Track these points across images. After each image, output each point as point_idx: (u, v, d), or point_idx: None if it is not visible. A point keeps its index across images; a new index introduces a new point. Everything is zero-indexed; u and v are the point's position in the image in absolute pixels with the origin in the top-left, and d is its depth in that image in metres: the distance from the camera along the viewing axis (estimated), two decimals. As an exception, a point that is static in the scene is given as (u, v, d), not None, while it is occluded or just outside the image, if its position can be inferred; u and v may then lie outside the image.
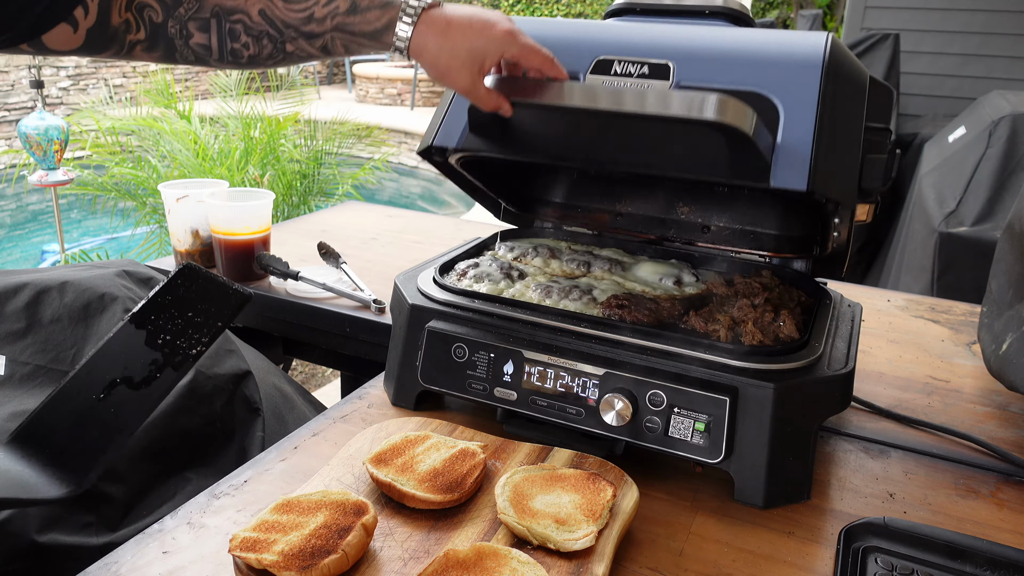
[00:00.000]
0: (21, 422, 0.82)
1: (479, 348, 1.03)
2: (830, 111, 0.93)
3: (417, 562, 0.78)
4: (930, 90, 5.04)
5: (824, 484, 0.99)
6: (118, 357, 0.82)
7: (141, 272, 1.36)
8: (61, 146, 3.32)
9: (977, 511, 0.95)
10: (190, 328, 0.84)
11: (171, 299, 0.85)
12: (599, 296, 1.13)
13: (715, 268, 1.28)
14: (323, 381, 3.69)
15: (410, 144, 8.80)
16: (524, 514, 0.81)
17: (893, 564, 0.82)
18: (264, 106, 4.47)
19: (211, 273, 0.88)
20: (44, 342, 1.24)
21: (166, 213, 1.67)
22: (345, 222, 2.09)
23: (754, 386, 0.91)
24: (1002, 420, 1.17)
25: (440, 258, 1.25)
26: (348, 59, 11.72)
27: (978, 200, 2.81)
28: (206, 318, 0.85)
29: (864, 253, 4.21)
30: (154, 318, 0.84)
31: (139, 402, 0.81)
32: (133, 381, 0.81)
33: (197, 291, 0.86)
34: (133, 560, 0.80)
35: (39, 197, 7.23)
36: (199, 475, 1.20)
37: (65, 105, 9.45)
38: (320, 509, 0.80)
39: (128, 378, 0.81)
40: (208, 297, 0.86)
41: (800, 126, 0.93)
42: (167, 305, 0.85)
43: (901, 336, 1.47)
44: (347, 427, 1.07)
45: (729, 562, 0.84)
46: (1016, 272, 1.15)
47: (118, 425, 0.79)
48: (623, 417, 0.94)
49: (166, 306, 0.85)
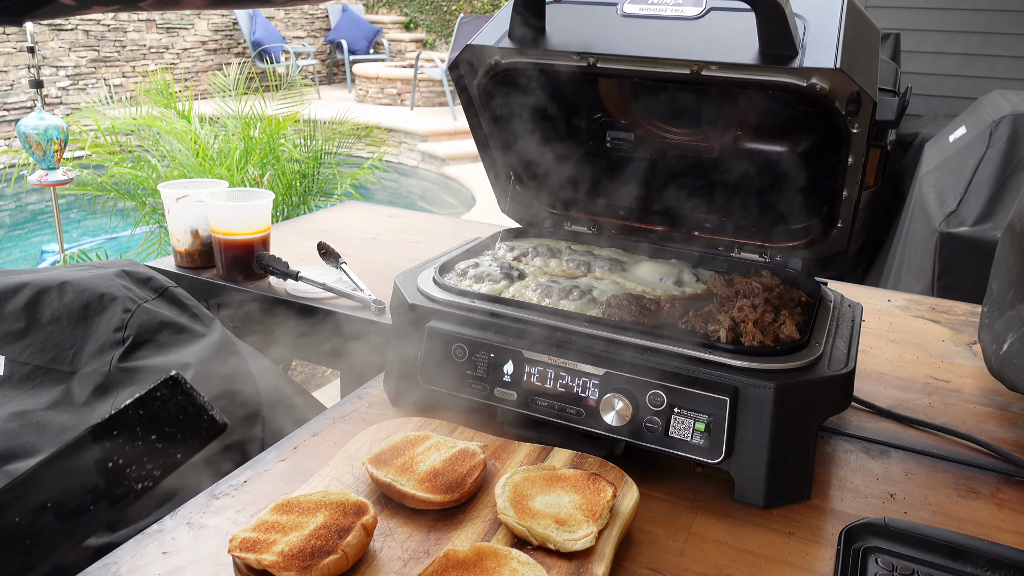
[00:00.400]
0: None
1: (479, 348, 1.03)
2: (852, 24, 0.96)
3: (417, 562, 0.78)
4: (931, 89, 5.03)
5: (824, 484, 0.98)
6: (58, 476, 0.72)
7: (140, 272, 1.36)
8: (60, 146, 3.32)
9: (978, 511, 0.94)
10: (146, 456, 0.76)
11: (143, 414, 0.76)
12: (599, 296, 1.13)
13: (715, 268, 1.28)
14: (323, 381, 3.69)
15: (410, 144, 8.80)
16: (524, 514, 0.81)
17: (894, 564, 0.82)
18: (264, 106, 4.47)
19: (195, 390, 0.79)
20: (43, 342, 1.24)
21: (166, 213, 1.67)
22: (345, 222, 2.09)
23: (754, 386, 0.91)
24: (1003, 420, 1.17)
25: (440, 258, 1.25)
26: (348, 59, 11.76)
27: (979, 200, 2.81)
28: (167, 445, 0.77)
29: (864, 253, 4.21)
30: (115, 433, 0.75)
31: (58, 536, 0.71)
32: (63, 510, 0.71)
33: (173, 408, 0.78)
34: (133, 560, 0.80)
35: (38, 197, 7.23)
36: (199, 475, 1.20)
37: (64, 105, 9.45)
38: (320, 509, 0.80)
39: (60, 504, 0.71)
40: (180, 419, 0.78)
41: (826, 26, 0.96)
42: (135, 421, 0.76)
43: (901, 336, 1.47)
44: (347, 427, 1.07)
45: (729, 562, 0.84)
46: (1017, 272, 1.14)
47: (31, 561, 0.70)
48: (623, 417, 0.94)
49: (134, 422, 0.76)
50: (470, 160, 8.30)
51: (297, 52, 11.76)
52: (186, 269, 1.66)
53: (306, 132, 4.55)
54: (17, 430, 1.12)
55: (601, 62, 1.08)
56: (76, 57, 9.60)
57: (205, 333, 1.30)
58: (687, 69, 1.03)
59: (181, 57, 10.91)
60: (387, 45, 12.61)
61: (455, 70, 1.18)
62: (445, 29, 13.04)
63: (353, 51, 12.11)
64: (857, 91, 0.96)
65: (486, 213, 6.31)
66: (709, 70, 1.02)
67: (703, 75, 1.04)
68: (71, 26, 9.47)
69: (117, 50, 10.05)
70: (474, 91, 1.22)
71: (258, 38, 11.11)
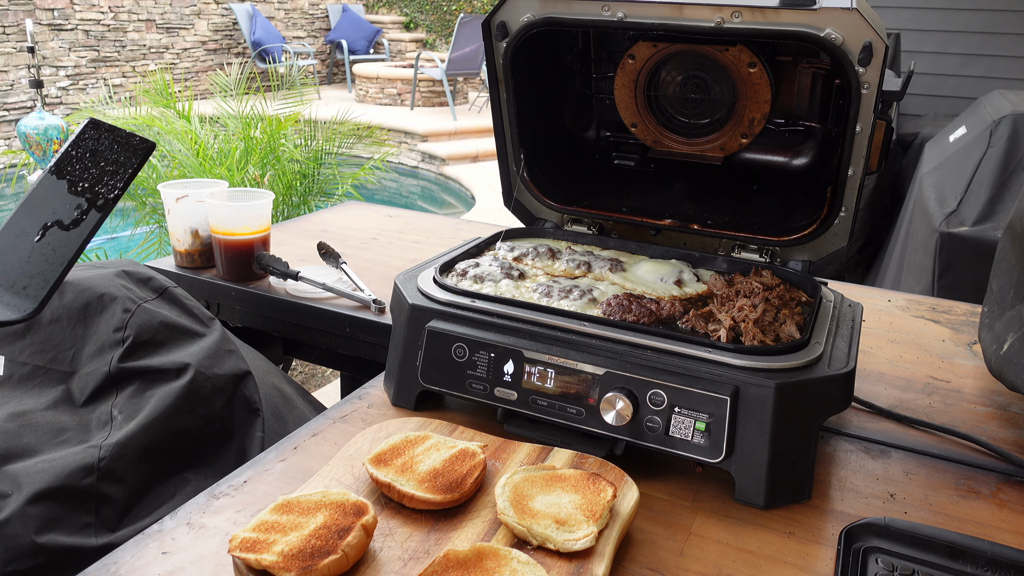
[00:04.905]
0: None
1: (479, 348, 1.03)
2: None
3: (417, 562, 0.78)
4: (931, 89, 5.04)
5: (825, 484, 0.98)
6: (46, 205, 0.92)
7: (140, 272, 1.35)
8: (60, 146, 3.31)
9: (978, 511, 0.94)
10: (104, 176, 0.94)
11: (82, 151, 0.94)
12: (599, 296, 1.13)
13: (715, 268, 1.28)
14: (323, 381, 3.69)
15: (410, 144, 8.80)
16: (524, 514, 0.81)
17: (894, 565, 0.82)
18: (264, 106, 4.47)
19: (113, 125, 0.97)
20: (43, 342, 1.23)
21: (166, 213, 1.67)
22: (345, 222, 2.09)
23: (755, 385, 0.91)
24: (1003, 420, 1.17)
25: (440, 258, 1.25)
26: (348, 59, 11.76)
27: (979, 200, 2.81)
28: (116, 167, 0.95)
29: (864, 253, 4.21)
30: (70, 169, 0.93)
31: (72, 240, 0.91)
32: (64, 223, 0.91)
33: (105, 142, 0.95)
34: (133, 561, 0.80)
35: (39, 197, 7.21)
36: (199, 475, 1.20)
37: (64, 105, 9.45)
38: (320, 509, 0.80)
39: (59, 221, 0.91)
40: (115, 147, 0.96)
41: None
42: (80, 157, 0.94)
43: (902, 336, 1.46)
44: (347, 427, 1.07)
45: (729, 562, 0.84)
46: (1017, 272, 1.14)
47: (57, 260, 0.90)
48: (623, 417, 0.94)
49: (79, 157, 0.94)
50: (470, 160, 8.31)
51: (297, 52, 11.77)
52: (186, 269, 1.66)
53: (306, 132, 4.55)
54: (17, 430, 1.12)
55: (630, 15, 1.12)
56: (76, 57, 9.60)
57: (205, 333, 1.30)
58: (711, 21, 1.07)
59: (181, 57, 10.91)
60: (387, 45, 12.61)
61: (488, 29, 1.24)
62: (445, 29, 13.05)
63: (353, 51, 12.11)
64: (870, 41, 1.00)
65: (486, 213, 6.31)
66: (732, 22, 1.06)
67: (726, 27, 1.07)
68: (71, 26, 9.47)
69: (117, 50, 10.05)
70: (501, 58, 1.26)
71: (258, 38, 11.11)
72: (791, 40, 1.07)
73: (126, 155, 0.96)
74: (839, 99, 1.22)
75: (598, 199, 1.40)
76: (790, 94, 1.32)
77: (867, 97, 1.05)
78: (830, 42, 1.02)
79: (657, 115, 1.42)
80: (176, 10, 10.68)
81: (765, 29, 1.06)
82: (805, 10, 1.01)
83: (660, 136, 1.42)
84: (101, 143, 0.95)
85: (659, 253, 1.31)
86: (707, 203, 1.37)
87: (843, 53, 1.02)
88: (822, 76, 1.27)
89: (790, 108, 1.34)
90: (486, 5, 12.47)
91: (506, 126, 1.34)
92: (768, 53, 1.27)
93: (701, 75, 1.35)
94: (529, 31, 1.21)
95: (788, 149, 1.37)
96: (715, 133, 1.38)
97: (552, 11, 1.18)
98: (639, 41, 1.33)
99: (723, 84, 1.33)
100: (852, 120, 1.08)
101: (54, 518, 1.04)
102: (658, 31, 1.16)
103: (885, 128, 1.10)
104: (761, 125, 1.33)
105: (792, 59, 1.28)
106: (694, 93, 1.36)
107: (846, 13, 1.00)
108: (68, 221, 0.91)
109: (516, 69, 1.27)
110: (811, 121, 1.33)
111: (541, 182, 1.40)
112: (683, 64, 1.35)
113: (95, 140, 0.95)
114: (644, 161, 1.46)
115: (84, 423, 1.16)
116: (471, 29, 9.09)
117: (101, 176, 0.94)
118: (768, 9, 1.03)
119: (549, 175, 1.41)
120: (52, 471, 1.05)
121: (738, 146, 1.37)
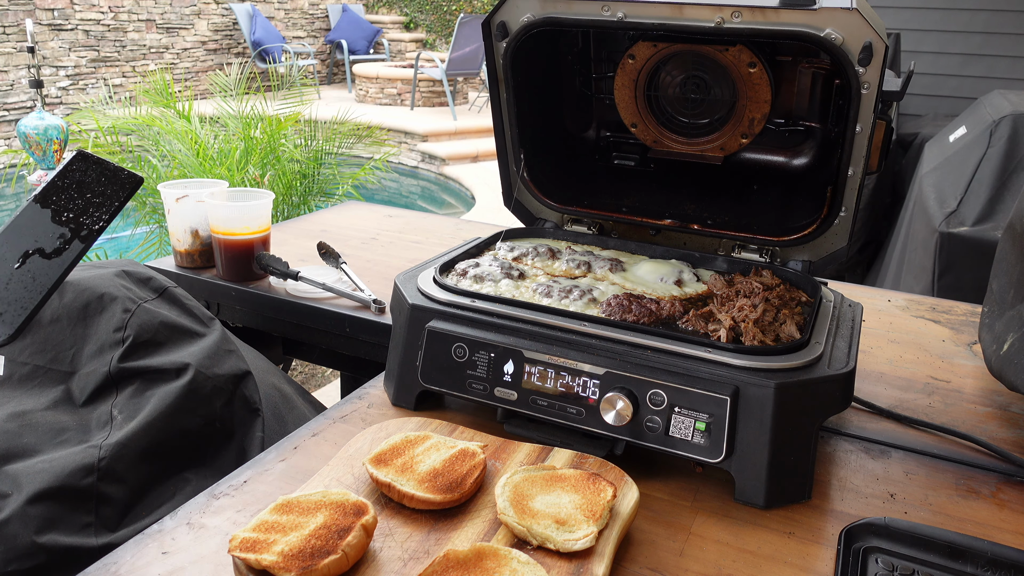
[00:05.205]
0: None
1: (479, 348, 1.03)
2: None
3: (417, 562, 0.78)
4: (931, 89, 5.04)
5: (825, 484, 0.98)
6: (28, 233, 0.94)
7: (140, 272, 1.35)
8: (60, 146, 3.32)
9: (978, 511, 0.94)
10: (90, 207, 0.95)
11: (69, 182, 0.95)
12: (599, 296, 1.13)
13: (715, 268, 1.28)
14: (323, 381, 3.69)
15: (410, 144, 8.80)
16: (524, 514, 0.81)
17: (894, 565, 0.82)
18: (264, 106, 4.47)
19: (102, 158, 0.99)
20: (43, 342, 1.23)
21: (166, 213, 1.67)
22: (345, 222, 2.09)
23: (755, 385, 0.91)
24: (1003, 420, 1.17)
25: (440, 258, 1.25)
26: (348, 59, 11.76)
27: (979, 200, 2.81)
28: (103, 199, 0.96)
29: (864, 253, 4.21)
30: (56, 199, 0.95)
31: (52, 269, 0.93)
32: (45, 252, 0.93)
33: (92, 175, 0.97)
34: (133, 561, 0.80)
35: (39, 197, 7.21)
36: (198, 475, 1.20)
37: (64, 105, 9.45)
38: (320, 509, 0.80)
39: (40, 249, 0.93)
40: (103, 180, 0.97)
41: None
42: (66, 187, 0.95)
43: (902, 336, 1.46)
44: (347, 427, 1.07)
45: (729, 562, 0.84)
46: (1017, 272, 1.14)
47: (36, 288, 0.92)
48: (623, 417, 0.94)
49: (65, 188, 0.95)
50: (470, 160, 8.31)
51: (297, 52, 11.76)
52: (186, 269, 1.66)
53: (306, 132, 4.55)
54: (17, 430, 1.12)
55: (630, 15, 1.12)
56: (76, 57, 9.60)
57: (205, 333, 1.30)
58: (711, 21, 1.07)
59: (181, 57, 10.91)
60: (387, 45, 12.61)
61: (488, 29, 1.24)
62: (445, 29, 13.05)
63: (353, 51, 12.11)
64: (870, 41, 1.00)
65: (486, 213, 6.31)
66: (732, 22, 1.06)
67: (726, 27, 1.07)
68: (71, 26, 9.47)
69: (117, 50, 10.05)
70: (501, 58, 1.26)
71: (258, 38, 11.11)
72: (791, 40, 1.07)
73: (113, 188, 0.97)
74: (839, 99, 1.22)
75: (598, 199, 1.40)
76: (790, 94, 1.32)
77: (867, 97, 1.05)
78: (830, 42, 1.02)
79: (657, 115, 1.42)
80: (176, 10, 10.68)
81: (765, 29, 1.06)
82: (805, 10, 1.01)
83: (660, 136, 1.42)
84: (88, 175, 0.97)
85: (659, 253, 1.31)
86: (707, 203, 1.37)
87: (843, 53, 1.02)
88: (822, 76, 1.27)
89: (790, 108, 1.34)
90: (486, 5, 12.47)
91: (506, 126, 1.34)
92: (768, 53, 1.27)
93: (701, 75, 1.35)
94: (529, 31, 1.21)
95: (788, 149, 1.38)
96: (715, 133, 1.38)
97: (552, 11, 1.18)
98: (639, 41, 1.33)
99: (723, 84, 1.33)
100: (852, 120, 1.08)
101: (54, 518, 1.04)
102: (658, 31, 1.16)
103: (885, 128, 1.10)
104: (761, 125, 1.33)
105: (792, 59, 1.28)
106: (694, 93, 1.36)
107: (846, 13, 1.00)
108: (50, 250, 0.92)
109: (516, 69, 1.27)
110: (811, 121, 1.33)
111: (541, 182, 1.40)
112: (683, 64, 1.35)
113: (83, 172, 0.96)
114: (644, 161, 1.46)
115: (84, 423, 1.16)
116: (471, 29, 9.09)
117: (87, 207, 0.95)
118: (768, 9, 1.03)
119: (549, 175, 1.41)
120: (52, 471, 1.05)
121: (738, 146, 1.37)
